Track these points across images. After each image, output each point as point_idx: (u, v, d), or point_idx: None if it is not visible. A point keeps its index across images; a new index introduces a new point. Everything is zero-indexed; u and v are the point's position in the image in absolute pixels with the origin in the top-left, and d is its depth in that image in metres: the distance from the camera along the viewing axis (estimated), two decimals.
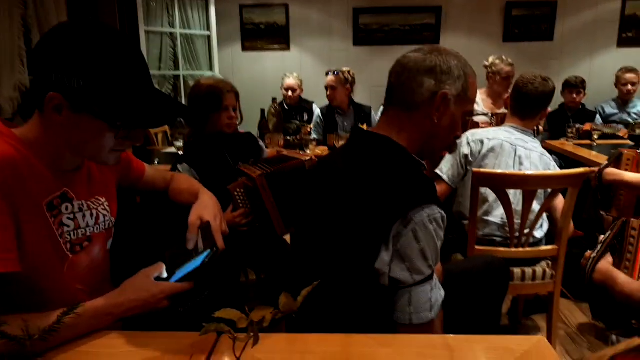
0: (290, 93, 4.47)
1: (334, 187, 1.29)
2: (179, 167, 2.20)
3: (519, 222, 2.09)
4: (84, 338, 1.02)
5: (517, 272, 2.13)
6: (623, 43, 5.34)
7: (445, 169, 2.27)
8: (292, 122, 4.06)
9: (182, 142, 3.14)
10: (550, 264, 2.20)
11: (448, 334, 1.04)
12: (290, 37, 5.53)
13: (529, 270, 2.14)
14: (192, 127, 2.38)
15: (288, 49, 5.56)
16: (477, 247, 2.11)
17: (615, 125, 4.48)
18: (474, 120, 3.68)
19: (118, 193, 1.38)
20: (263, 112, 3.77)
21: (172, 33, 5.01)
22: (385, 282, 1.15)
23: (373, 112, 4.37)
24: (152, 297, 1.09)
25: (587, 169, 2.06)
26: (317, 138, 4.02)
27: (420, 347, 0.99)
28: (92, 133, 1.07)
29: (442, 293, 1.20)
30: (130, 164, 1.45)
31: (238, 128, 2.40)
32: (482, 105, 4.33)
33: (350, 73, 4.14)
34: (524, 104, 2.26)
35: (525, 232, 2.12)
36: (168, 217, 1.54)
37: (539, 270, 2.15)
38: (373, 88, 5.42)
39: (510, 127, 2.30)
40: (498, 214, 2.19)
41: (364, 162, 1.25)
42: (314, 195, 1.37)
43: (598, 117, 4.53)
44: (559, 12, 5.30)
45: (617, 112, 4.69)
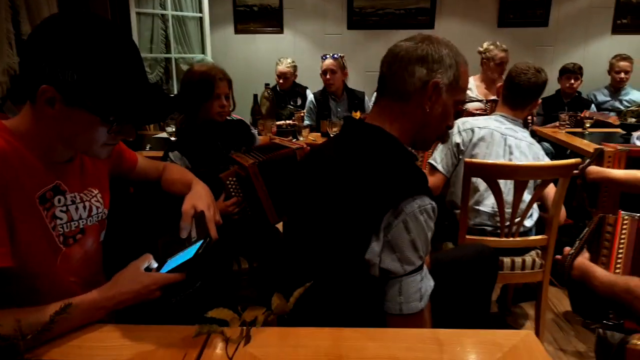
0: (282, 80, 4.43)
1: (326, 177, 1.29)
2: (171, 155, 2.19)
3: (510, 211, 2.11)
4: (77, 332, 1.03)
5: (506, 261, 2.16)
6: (618, 30, 5.33)
7: (439, 159, 2.28)
8: (285, 108, 4.03)
9: (173, 127, 3.12)
10: (540, 254, 2.23)
11: (437, 328, 1.05)
12: (284, 20, 5.47)
13: (519, 260, 2.17)
14: (184, 114, 2.37)
15: (281, 32, 5.51)
16: (467, 236, 2.13)
17: (607, 113, 4.50)
18: (468, 107, 3.69)
19: (111, 184, 1.38)
20: (256, 97, 3.75)
21: (163, 15, 4.93)
22: (376, 272, 1.17)
23: (367, 97, 4.35)
24: (143, 288, 1.10)
25: (577, 160, 2.07)
26: (310, 124, 4.01)
27: (410, 341, 1.01)
28: (84, 127, 1.06)
29: (431, 283, 1.22)
30: (122, 155, 1.44)
31: (230, 113, 2.39)
32: (475, 92, 4.33)
33: (343, 59, 4.13)
34: (516, 94, 2.27)
35: (516, 221, 2.14)
36: (161, 207, 1.54)
37: (529, 260, 2.17)
38: (367, 73, 5.39)
39: (501, 116, 2.31)
40: (489, 204, 2.21)
41: (356, 152, 1.26)
42: (306, 185, 1.38)
43: (593, 106, 4.54)
44: None
45: (609, 99, 4.70)
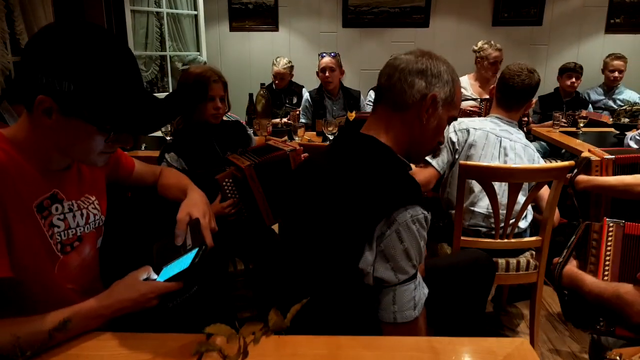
0: (278, 81, 4.43)
1: (320, 186, 1.30)
2: (167, 156, 2.19)
3: (504, 212, 2.12)
4: (74, 340, 1.03)
5: (501, 262, 2.17)
6: (611, 29, 5.35)
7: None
8: (282, 108, 4.01)
9: (169, 126, 3.12)
10: (534, 255, 2.24)
11: (433, 337, 1.06)
12: (279, 17, 5.45)
13: (513, 261, 2.18)
14: (180, 115, 2.36)
15: (276, 30, 5.49)
16: (462, 237, 2.14)
17: (600, 112, 4.52)
18: (462, 105, 3.70)
19: (108, 188, 1.38)
20: (251, 96, 3.75)
21: (158, 12, 4.91)
22: (370, 281, 1.17)
23: (362, 96, 4.36)
24: (141, 296, 1.10)
25: (571, 162, 2.08)
26: (305, 122, 4.01)
27: (406, 349, 1.02)
28: (81, 136, 1.06)
29: (425, 291, 1.23)
30: (120, 161, 1.45)
31: (227, 113, 2.39)
32: (470, 90, 4.34)
33: (339, 57, 4.13)
34: (510, 96, 2.28)
35: (510, 222, 2.15)
36: (158, 212, 1.54)
37: (523, 261, 2.19)
38: (362, 71, 5.39)
39: (496, 117, 2.32)
40: (484, 205, 2.22)
41: (349, 162, 1.27)
42: (301, 194, 1.39)
43: (590, 106, 4.56)
44: None
45: (603, 98, 4.73)
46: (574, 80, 4.43)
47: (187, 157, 2.19)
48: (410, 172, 1.32)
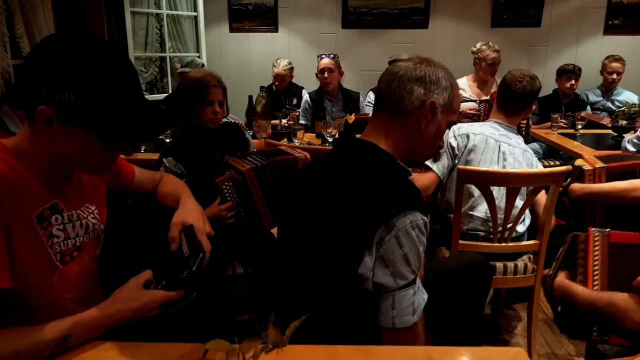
0: (278, 82, 4.44)
1: (321, 191, 1.31)
2: (165, 161, 2.19)
3: (502, 217, 2.13)
4: (73, 350, 1.04)
5: (499, 266, 2.18)
6: (609, 30, 5.35)
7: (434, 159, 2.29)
8: (282, 110, 4.01)
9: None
10: (532, 258, 2.26)
11: (431, 346, 1.07)
12: (279, 18, 5.46)
13: (511, 265, 2.19)
14: (179, 119, 2.37)
15: (276, 31, 5.50)
16: (461, 241, 2.15)
17: (599, 114, 4.53)
18: (461, 107, 3.71)
19: (108, 195, 1.39)
20: (250, 98, 3.75)
21: (158, 14, 4.92)
22: (370, 286, 1.18)
23: (362, 97, 4.37)
24: (143, 306, 1.11)
25: (568, 167, 2.09)
26: (305, 124, 4.02)
27: (404, 358, 1.03)
28: (82, 145, 1.07)
29: (424, 297, 1.24)
30: (120, 169, 1.46)
31: (227, 116, 2.40)
32: (469, 92, 4.35)
33: (338, 58, 4.14)
34: (511, 101, 2.29)
35: (508, 227, 2.16)
36: (158, 218, 1.54)
37: (521, 265, 2.20)
38: (361, 72, 5.40)
39: (495, 122, 2.33)
40: (482, 209, 2.23)
41: (350, 168, 1.28)
42: (302, 198, 1.40)
43: (589, 107, 4.57)
44: None
45: (601, 99, 4.74)
46: (573, 83, 4.43)
47: (185, 161, 2.20)
48: (410, 177, 1.33)
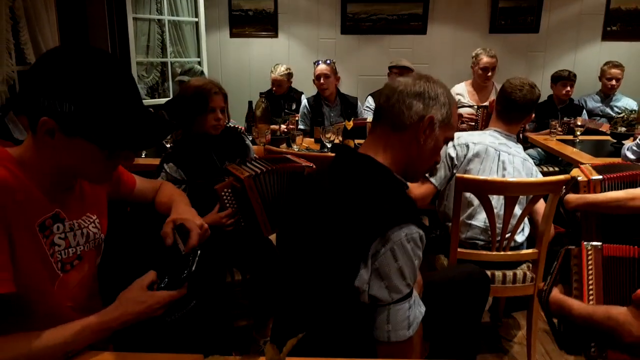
0: (276, 88, 4.46)
1: (319, 203, 1.32)
2: (166, 166, 2.21)
3: (501, 226, 2.14)
4: (75, 358, 1.04)
5: (498, 275, 2.19)
6: (607, 36, 5.37)
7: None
8: (282, 116, 4.01)
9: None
10: (531, 267, 2.26)
11: (427, 359, 1.08)
12: (279, 24, 5.48)
13: (510, 274, 2.20)
14: (179, 126, 2.38)
15: (276, 36, 5.52)
16: (460, 249, 2.16)
17: (598, 120, 4.55)
18: (459, 112, 3.72)
19: (109, 202, 1.40)
20: (250, 104, 3.77)
21: (160, 20, 4.94)
22: (365, 299, 1.19)
23: (359, 102, 4.38)
24: (147, 307, 1.13)
25: (566, 176, 2.10)
26: (304, 129, 4.04)
27: None
28: (84, 155, 1.10)
29: (421, 310, 1.24)
30: (121, 179, 1.47)
31: (226, 123, 2.40)
32: (467, 97, 4.36)
33: (334, 64, 4.16)
34: (510, 110, 2.30)
35: (507, 236, 2.17)
36: (157, 226, 1.55)
37: (520, 274, 2.21)
38: (360, 77, 5.41)
39: (495, 131, 2.33)
40: (482, 218, 2.23)
41: (347, 181, 1.30)
42: (301, 208, 1.41)
43: (585, 112, 4.58)
44: (545, 4, 5.30)
45: (600, 105, 4.75)
46: (569, 89, 4.45)
47: (186, 167, 2.21)
48: (407, 190, 1.34)
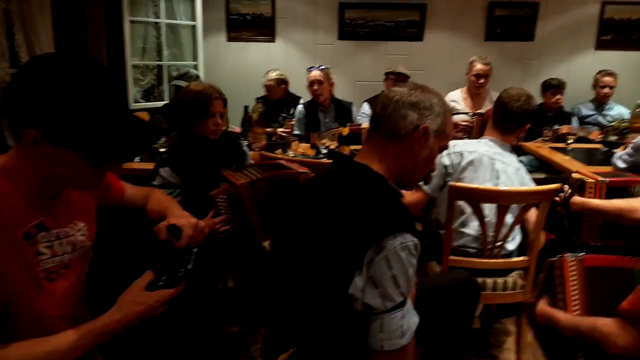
0: (268, 93, 4.46)
1: (314, 211, 1.34)
2: (162, 170, 2.21)
3: (493, 234, 2.16)
4: None
5: (489, 282, 2.21)
6: (601, 46, 5.43)
7: None
8: (278, 121, 4.02)
9: (164, 137, 3.12)
10: (522, 274, 2.29)
11: None
12: (276, 29, 5.51)
13: (501, 281, 2.23)
14: (178, 130, 2.39)
15: (273, 41, 5.55)
16: (451, 257, 2.18)
17: (589, 128, 4.57)
18: (454, 119, 3.74)
19: (98, 210, 1.40)
20: (246, 108, 3.78)
21: (156, 23, 4.95)
22: (359, 307, 1.20)
23: (354, 107, 4.40)
24: (148, 307, 1.16)
25: (557, 185, 2.12)
26: (299, 134, 4.05)
27: None
28: (70, 164, 1.08)
29: (415, 319, 1.26)
30: (110, 186, 1.46)
31: (225, 128, 2.42)
32: (462, 104, 4.39)
33: (328, 70, 4.19)
34: (507, 120, 2.32)
35: (498, 244, 2.19)
36: (147, 233, 1.56)
37: (510, 281, 2.23)
38: (357, 83, 5.44)
39: (490, 140, 2.36)
40: (474, 226, 2.25)
41: (342, 189, 1.31)
42: (296, 215, 1.43)
43: (574, 119, 4.62)
44: (541, 13, 5.36)
45: (593, 113, 4.77)
46: (559, 97, 4.49)
47: (182, 172, 2.22)
48: (402, 199, 1.36)
